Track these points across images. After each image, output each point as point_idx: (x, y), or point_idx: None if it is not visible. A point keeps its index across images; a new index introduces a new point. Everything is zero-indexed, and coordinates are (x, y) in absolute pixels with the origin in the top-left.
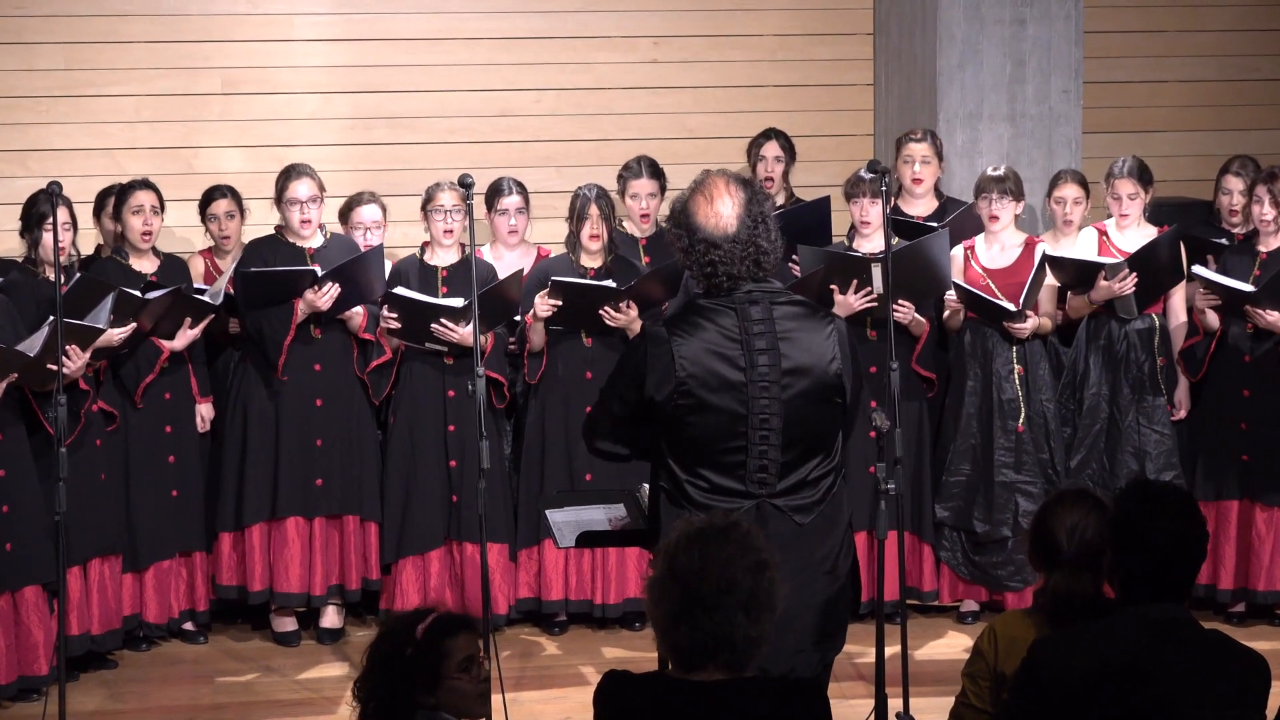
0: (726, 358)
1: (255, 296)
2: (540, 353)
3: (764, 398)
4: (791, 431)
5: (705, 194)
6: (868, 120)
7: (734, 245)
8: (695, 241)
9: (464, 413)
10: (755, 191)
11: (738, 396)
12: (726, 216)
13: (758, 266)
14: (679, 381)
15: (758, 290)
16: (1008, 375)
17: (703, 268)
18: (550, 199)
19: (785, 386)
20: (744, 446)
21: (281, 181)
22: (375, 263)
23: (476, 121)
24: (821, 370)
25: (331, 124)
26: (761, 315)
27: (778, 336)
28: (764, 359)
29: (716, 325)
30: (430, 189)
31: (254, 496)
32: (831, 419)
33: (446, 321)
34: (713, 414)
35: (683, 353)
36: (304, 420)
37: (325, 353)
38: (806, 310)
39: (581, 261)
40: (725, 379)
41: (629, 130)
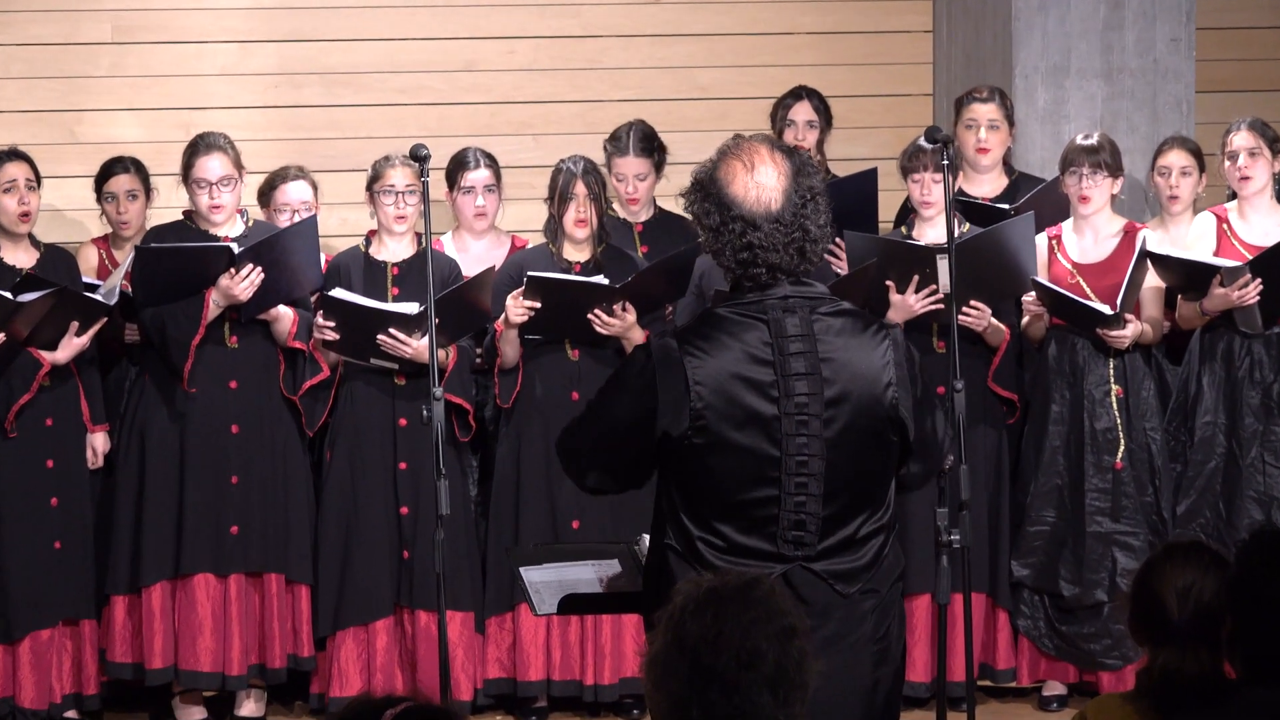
0: (754, 383)
1: (156, 283)
2: (514, 369)
3: (802, 435)
4: (836, 478)
5: (743, 160)
6: (925, 77)
7: (777, 227)
8: (729, 219)
9: (418, 446)
10: (804, 162)
11: (768, 433)
12: (770, 189)
13: (802, 257)
14: (694, 413)
15: (795, 295)
16: (1103, 398)
17: (737, 253)
18: (526, 175)
19: (829, 421)
20: (776, 497)
21: (188, 155)
22: (306, 240)
23: (434, 78)
24: (873, 399)
25: (250, 81)
26: (799, 328)
27: (820, 356)
28: (802, 385)
29: (741, 341)
30: (377, 164)
31: (153, 549)
32: (884, 462)
33: (397, 332)
34: (736, 455)
35: (699, 376)
36: (216, 452)
37: (244, 366)
38: (856, 321)
39: (565, 253)
40: (753, 411)
41: (625, 89)
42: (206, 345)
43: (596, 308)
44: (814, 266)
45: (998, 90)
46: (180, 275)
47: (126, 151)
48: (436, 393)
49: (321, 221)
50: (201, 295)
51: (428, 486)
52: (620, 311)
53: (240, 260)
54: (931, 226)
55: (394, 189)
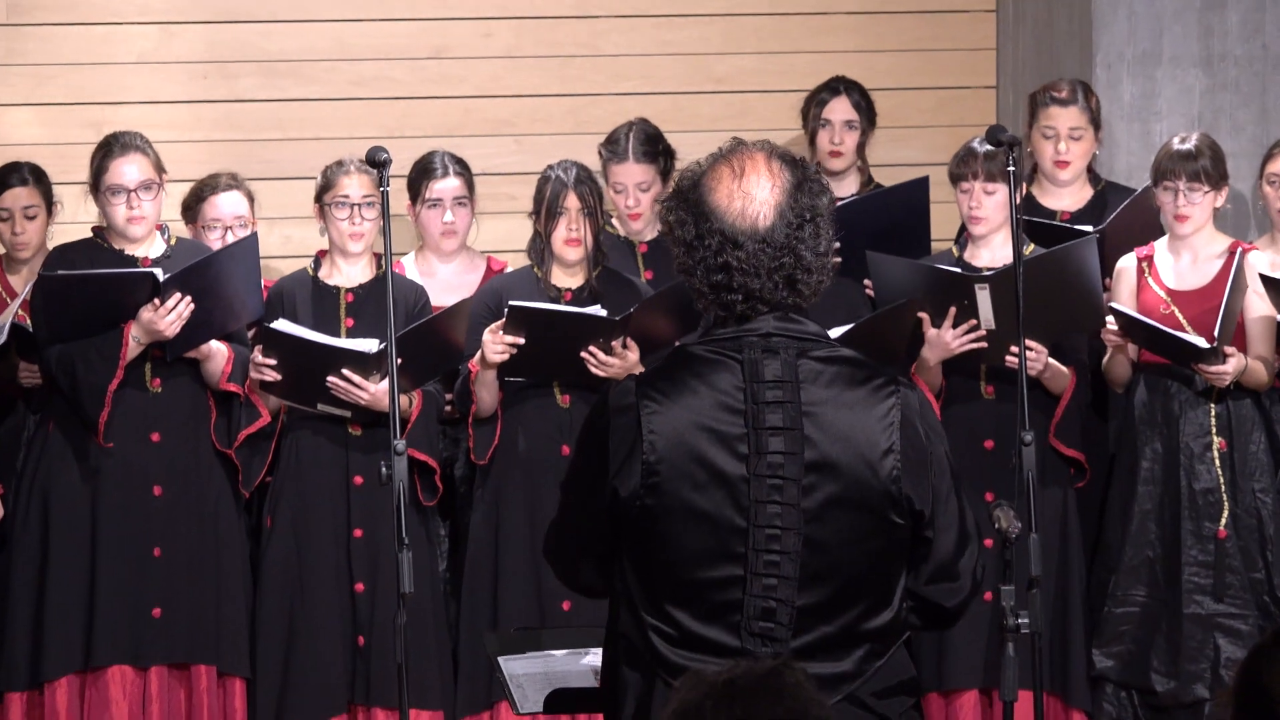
0: (721, 436)
1: (63, 317)
2: (492, 419)
3: (774, 502)
4: (818, 560)
5: (732, 165)
6: (987, 66)
7: (762, 247)
8: (706, 233)
9: (376, 510)
10: (807, 177)
11: (734, 498)
12: (759, 203)
13: (790, 287)
14: (646, 468)
15: (780, 333)
16: (1202, 452)
17: (710, 273)
18: (506, 184)
19: (809, 489)
20: (741, 578)
21: (99, 158)
22: (244, 263)
23: (396, 67)
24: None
25: (174, 72)
26: (780, 373)
27: (802, 409)
28: (777, 442)
29: (710, 385)
30: (328, 171)
31: (58, 637)
32: (886, 550)
33: (351, 373)
34: (694, 523)
35: (655, 424)
36: (135, 518)
37: (168, 415)
38: (855, 370)
39: (554, 278)
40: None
41: (625, 81)
42: (124, 390)
43: (591, 344)
44: (805, 301)
45: (1080, 87)
46: (93, 306)
47: (23, 156)
48: (398, 446)
49: (260, 240)
50: (119, 330)
51: (388, 559)
52: (620, 349)
53: (165, 289)
54: (985, 247)
55: (348, 200)
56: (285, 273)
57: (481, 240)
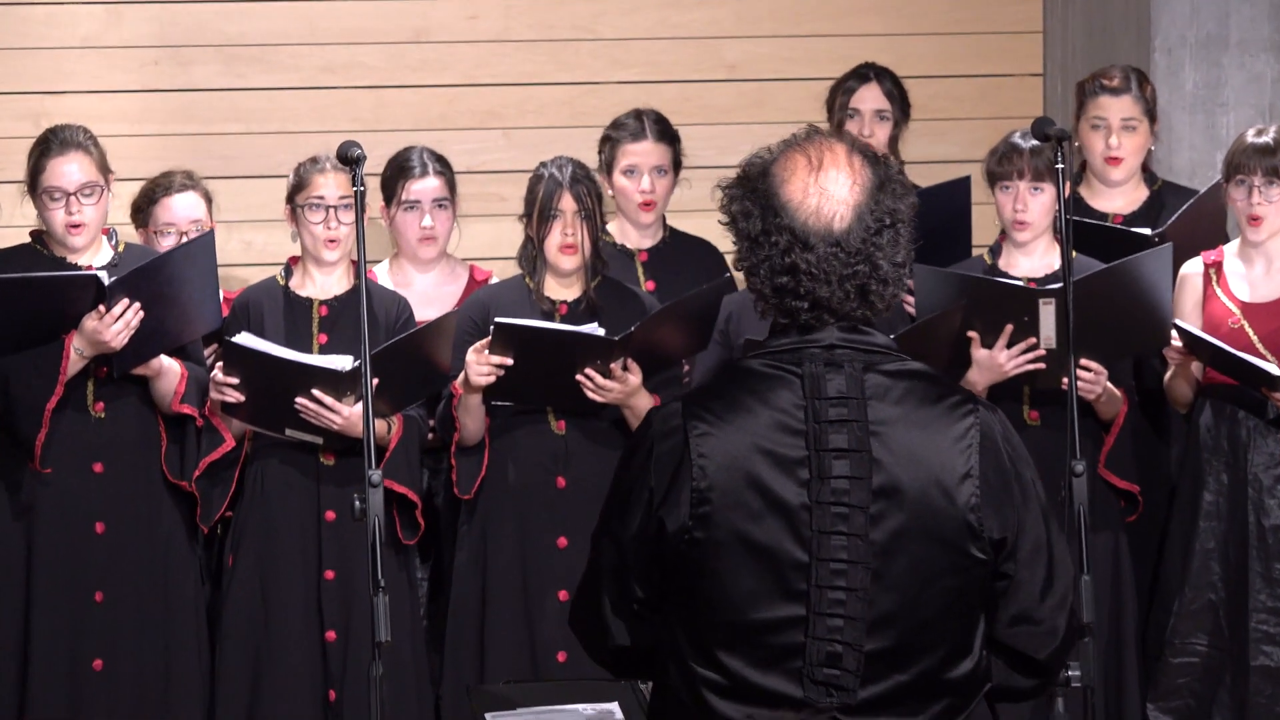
0: (780, 461)
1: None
2: (478, 447)
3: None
4: (889, 599)
5: (809, 156)
6: (1033, 51)
7: (835, 251)
8: (774, 228)
9: (350, 548)
10: (890, 177)
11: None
12: (837, 202)
13: (863, 298)
14: (696, 497)
15: (845, 345)
16: (1273, 485)
17: (775, 275)
18: (493, 183)
19: (877, 518)
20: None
21: (36, 156)
22: (199, 265)
23: (370, 52)
24: (939, 497)
25: (123, 57)
26: (844, 389)
27: (870, 429)
28: (842, 466)
29: (767, 404)
30: (301, 169)
31: None
32: (960, 587)
33: (322, 394)
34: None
35: (705, 447)
36: (75, 558)
37: (113, 441)
38: (929, 387)
39: (547, 290)
40: (774, 497)
41: (627, 67)
42: (63, 414)
43: (588, 366)
44: (877, 315)
45: (1134, 74)
46: (29, 315)
47: None
48: (374, 477)
49: (219, 246)
50: (59, 343)
51: (362, 603)
52: (620, 371)
53: (111, 294)
54: (1026, 255)
55: (324, 202)
56: (246, 282)
57: (465, 247)
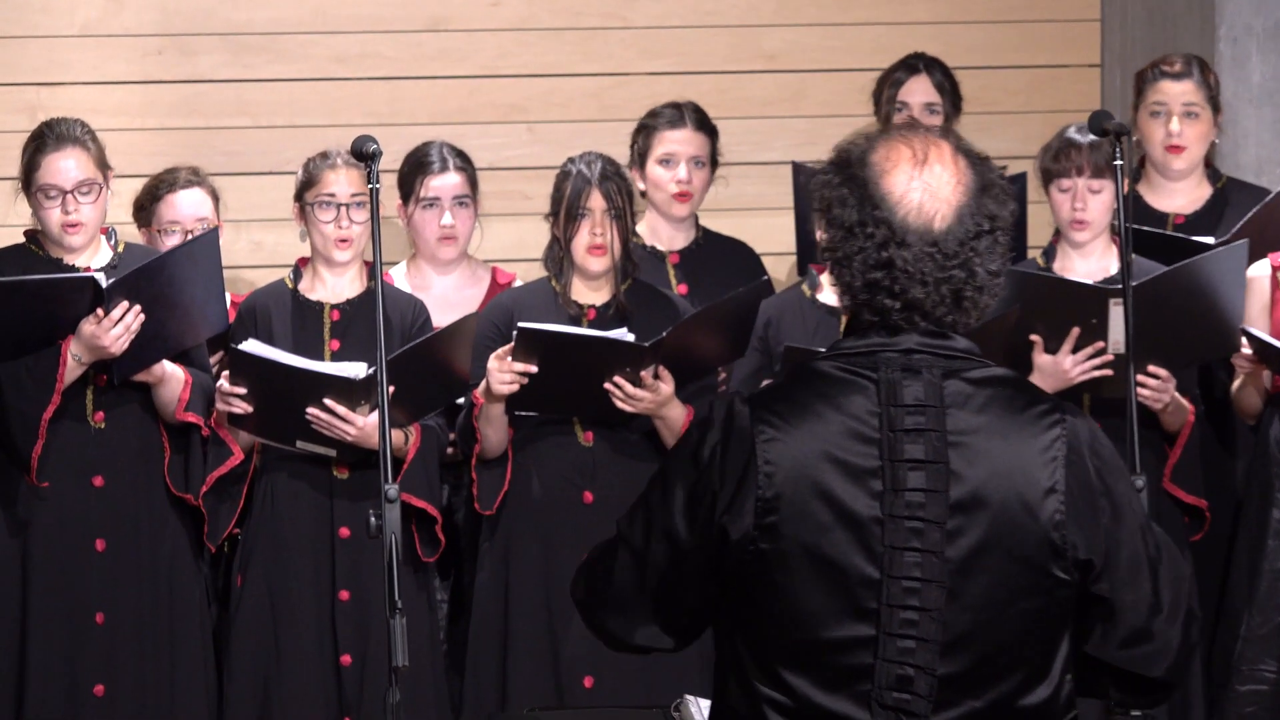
0: (851, 471)
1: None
2: (501, 460)
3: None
4: (964, 619)
5: (914, 148)
6: (1090, 40)
7: (930, 253)
8: (870, 220)
9: (365, 567)
10: (993, 180)
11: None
12: (940, 200)
13: (956, 304)
14: (762, 506)
15: (925, 350)
16: None
17: (868, 269)
18: (517, 180)
19: (954, 533)
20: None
21: (31, 151)
22: (203, 264)
23: (385, 41)
24: (1021, 513)
25: (123, 46)
26: (922, 396)
27: (948, 439)
28: (918, 478)
29: (840, 409)
30: (311, 164)
31: None
32: (1040, 609)
33: (335, 404)
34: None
35: (773, 454)
36: (74, 577)
37: (113, 454)
38: (1014, 394)
39: (574, 293)
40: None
41: (659, 57)
42: (61, 424)
43: (617, 374)
44: (966, 324)
45: (1196, 61)
46: (23, 319)
47: None
48: (390, 491)
49: (225, 247)
50: (55, 349)
51: (379, 625)
52: (651, 380)
53: (110, 296)
54: (1083, 257)
55: (334, 199)
56: (254, 284)
57: (486, 248)
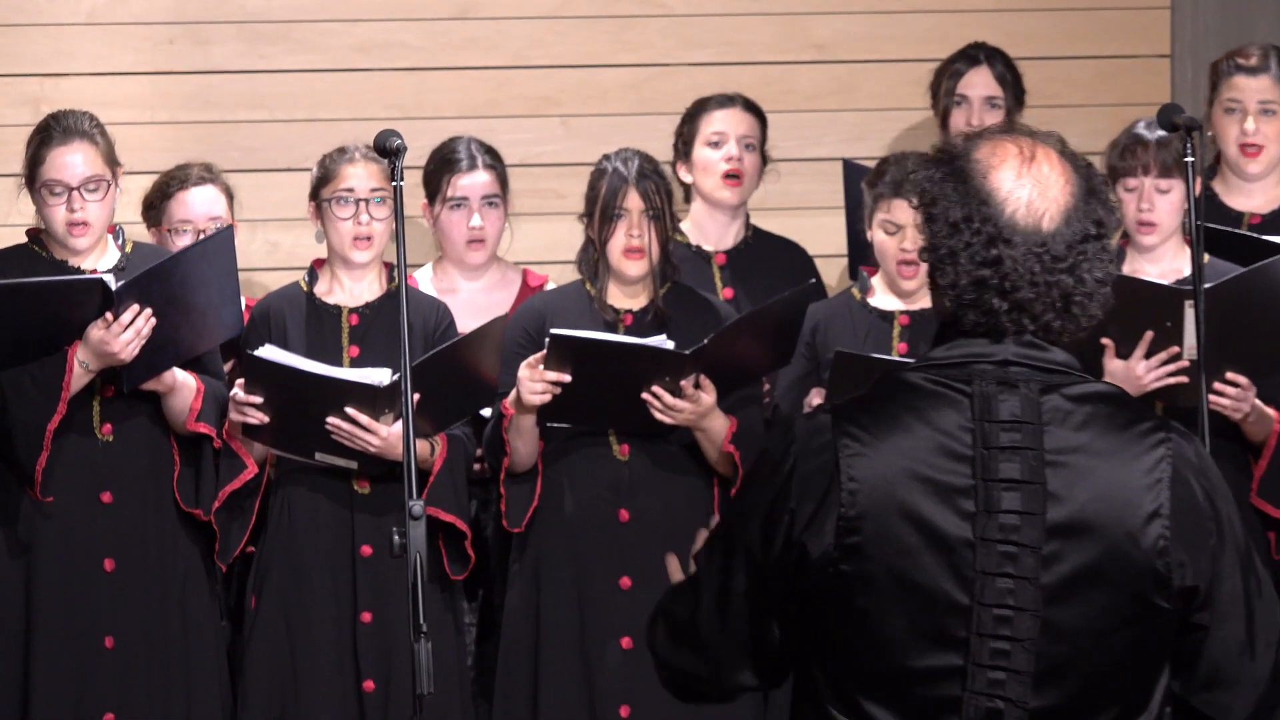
0: (941, 489)
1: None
2: (531, 474)
3: (1005, 574)
4: (1058, 650)
5: (1020, 146)
6: (1160, 29)
7: (1037, 255)
8: (977, 217)
9: (388, 587)
10: (1098, 185)
11: (954, 567)
12: (1049, 199)
13: (1064, 311)
14: (844, 525)
15: (1023, 361)
16: None
17: (975, 265)
18: (549, 178)
19: (1051, 559)
20: (960, 669)
21: (35, 146)
22: (218, 265)
23: (410, 30)
24: (1122, 538)
25: (133, 35)
26: (1018, 412)
27: (1046, 458)
28: (1012, 499)
29: (927, 423)
30: (327, 160)
31: None
32: (1139, 640)
33: (357, 412)
34: (903, 598)
35: (856, 469)
36: (81, 599)
37: (121, 468)
38: (1116, 411)
39: (610, 298)
40: (933, 530)
41: (701, 47)
42: (67, 437)
43: (656, 383)
44: (1073, 334)
45: (1275, 52)
46: (27, 324)
47: None
48: (415, 508)
49: (240, 248)
50: (61, 354)
51: (402, 650)
52: (691, 389)
53: (119, 299)
54: (1153, 260)
55: (353, 195)
56: (270, 288)
57: (517, 249)
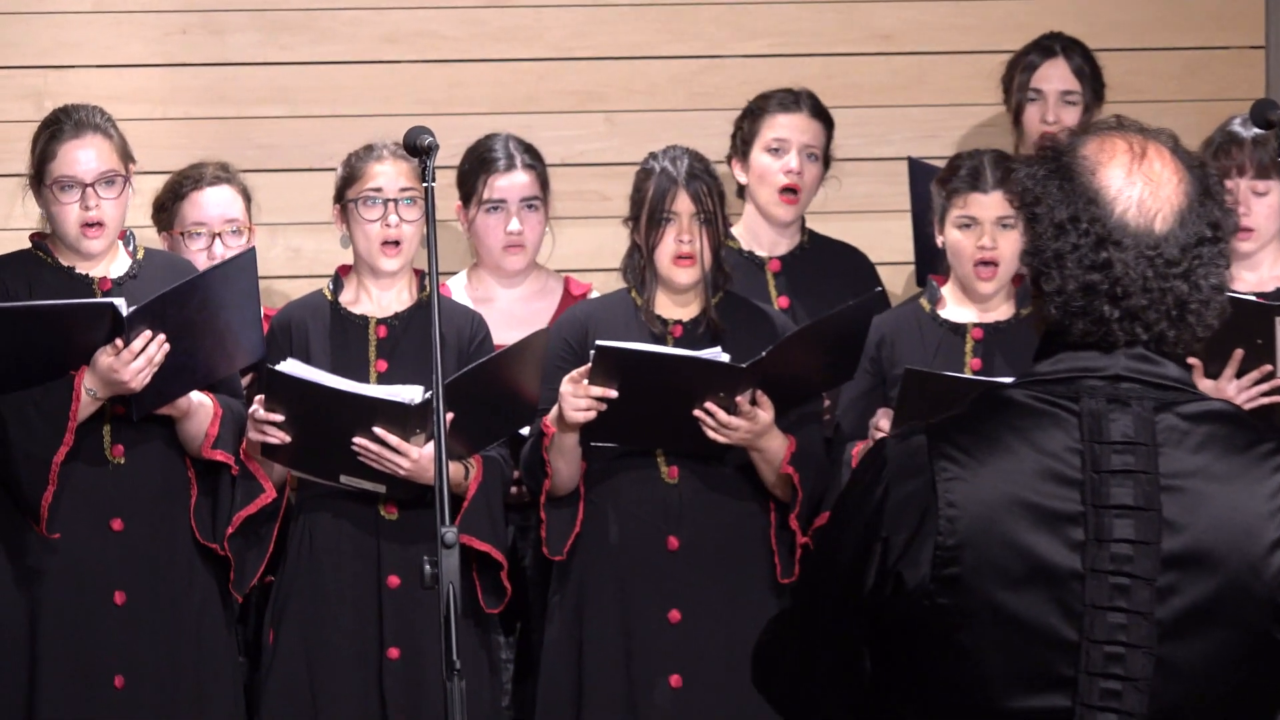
0: (1047, 516)
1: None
2: (573, 498)
3: (1118, 609)
4: (1172, 691)
5: (1130, 143)
6: (1254, 18)
7: (1151, 257)
8: (1085, 217)
9: (417, 621)
10: (1213, 186)
11: (1061, 600)
12: (1162, 198)
13: (1179, 320)
14: (942, 555)
15: (1133, 376)
16: None
17: (1084, 269)
18: (593, 179)
19: (1166, 592)
20: (1067, 710)
21: (44, 141)
22: (239, 287)
23: (442, 19)
24: (1243, 569)
25: (139, 23)
26: (1132, 432)
27: (1162, 483)
28: (1125, 527)
29: (1032, 445)
30: (353, 158)
31: None
32: (1260, 677)
33: (385, 432)
34: (1004, 632)
35: (955, 494)
36: (89, 635)
37: (133, 495)
38: (1237, 432)
39: (658, 308)
40: (1037, 560)
41: (756, 37)
42: (75, 463)
43: (709, 399)
44: (1188, 345)
45: None
46: (31, 347)
47: None
48: (448, 535)
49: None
50: (66, 380)
51: (433, 688)
52: (747, 406)
53: (131, 324)
54: (1250, 268)
55: (381, 195)
56: (291, 297)
57: (559, 256)
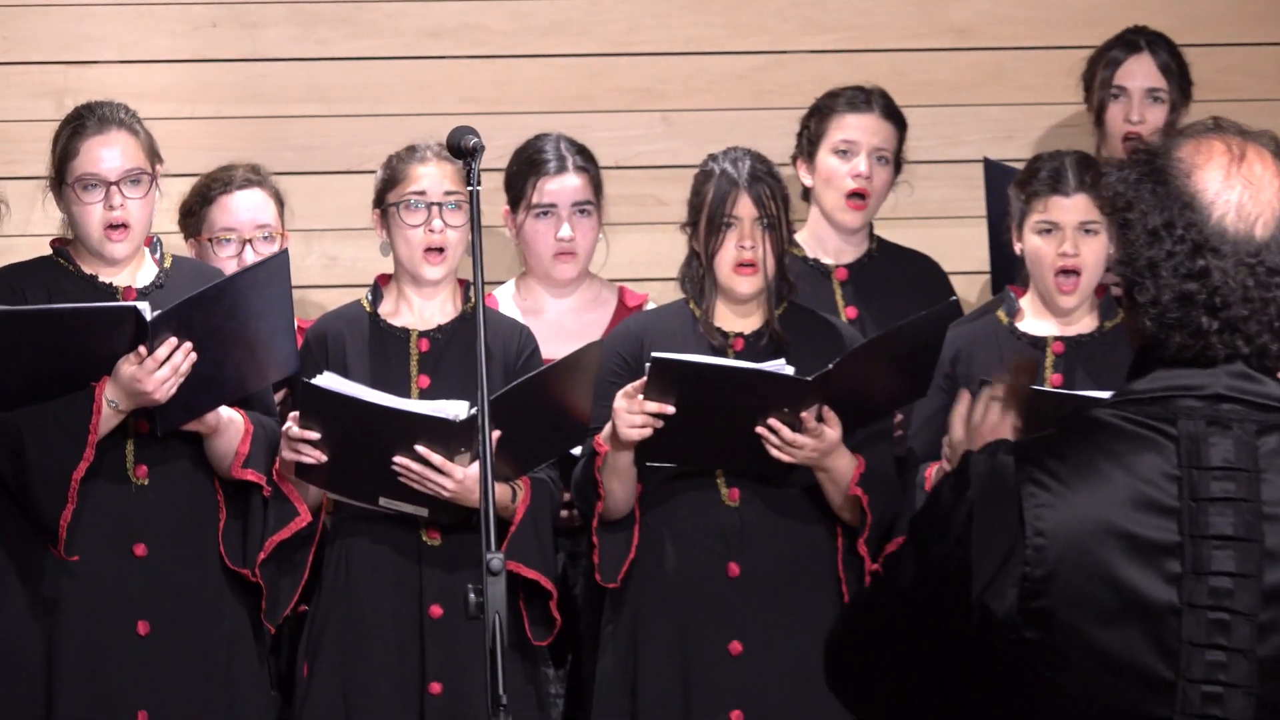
0: (1141, 546)
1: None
2: (628, 521)
3: (1217, 646)
4: None
5: (1230, 146)
6: None
7: (1252, 265)
8: (1180, 224)
9: (461, 654)
10: None
11: (1156, 636)
12: (1263, 204)
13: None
14: (1029, 586)
15: (1235, 395)
16: None
17: (1180, 278)
18: (649, 182)
19: (1268, 629)
20: None
21: (67, 138)
22: (270, 294)
23: (488, 11)
24: None
25: (166, 17)
26: (1233, 457)
27: (1263, 510)
28: (1225, 559)
29: (1126, 470)
30: (394, 160)
31: None
32: None
33: (428, 452)
34: (1095, 669)
35: (1044, 521)
36: (112, 666)
37: (158, 517)
38: None
39: (717, 319)
40: (1131, 593)
41: (824, 31)
42: (95, 479)
43: (773, 415)
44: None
45: None
46: (49, 356)
47: None
48: (494, 562)
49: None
50: (87, 392)
51: None
52: (814, 422)
53: (155, 331)
54: None
55: (424, 199)
56: (328, 307)
57: (613, 264)
